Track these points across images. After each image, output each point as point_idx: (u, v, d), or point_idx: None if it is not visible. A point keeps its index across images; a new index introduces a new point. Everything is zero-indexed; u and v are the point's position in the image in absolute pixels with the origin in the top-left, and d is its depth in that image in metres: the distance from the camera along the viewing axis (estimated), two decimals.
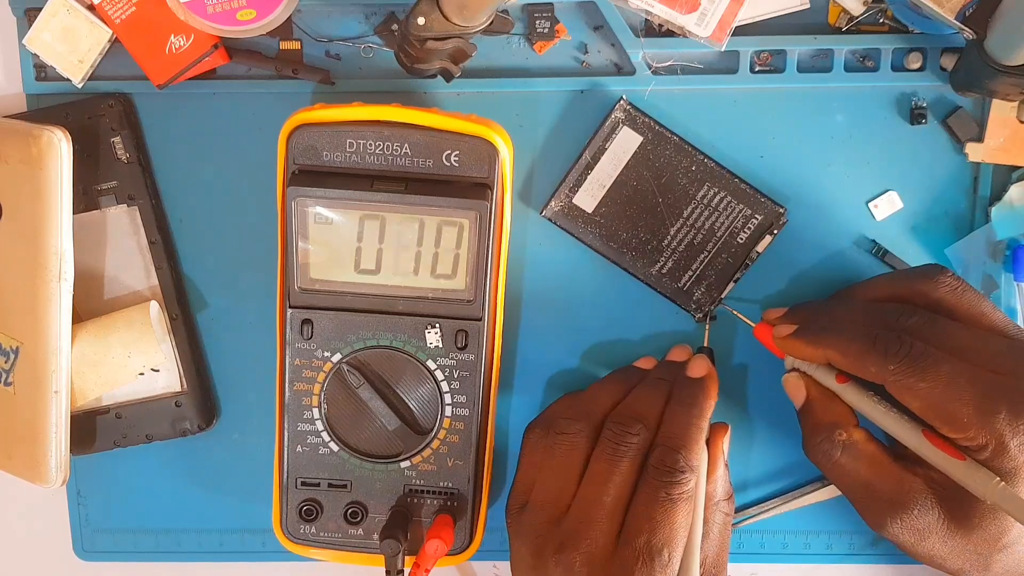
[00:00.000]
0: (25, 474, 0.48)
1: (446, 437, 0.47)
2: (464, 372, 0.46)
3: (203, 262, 0.51)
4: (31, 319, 0.46)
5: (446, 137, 0.44)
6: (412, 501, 0.48)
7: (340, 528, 0.48)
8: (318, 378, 0.46)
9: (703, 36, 0.46)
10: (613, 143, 0.47)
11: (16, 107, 0.49)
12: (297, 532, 0.48)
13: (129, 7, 0.46)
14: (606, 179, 0.48)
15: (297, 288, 0.45)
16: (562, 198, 0.48)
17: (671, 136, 0.47)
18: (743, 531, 0.52)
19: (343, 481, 0.47)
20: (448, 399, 0.47)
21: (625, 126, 0.47)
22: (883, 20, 0.47)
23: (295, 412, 0.47)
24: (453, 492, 0.48)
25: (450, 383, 0.46)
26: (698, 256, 0.48)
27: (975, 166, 0.49)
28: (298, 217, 0.44)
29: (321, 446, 0.47)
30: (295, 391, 0.47)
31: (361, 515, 0.48)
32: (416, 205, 0.44)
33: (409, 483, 0.47)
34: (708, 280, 0.49)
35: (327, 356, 0.46)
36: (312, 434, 0.47)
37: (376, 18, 0.48)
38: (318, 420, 0.47)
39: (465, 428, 0.47)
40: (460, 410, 0.47)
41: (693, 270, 0.48)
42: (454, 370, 0.46)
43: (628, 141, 0.47)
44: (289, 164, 0.44)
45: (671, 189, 0.48)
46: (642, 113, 0.47)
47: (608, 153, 0.47)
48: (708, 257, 0.48)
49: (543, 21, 0.48)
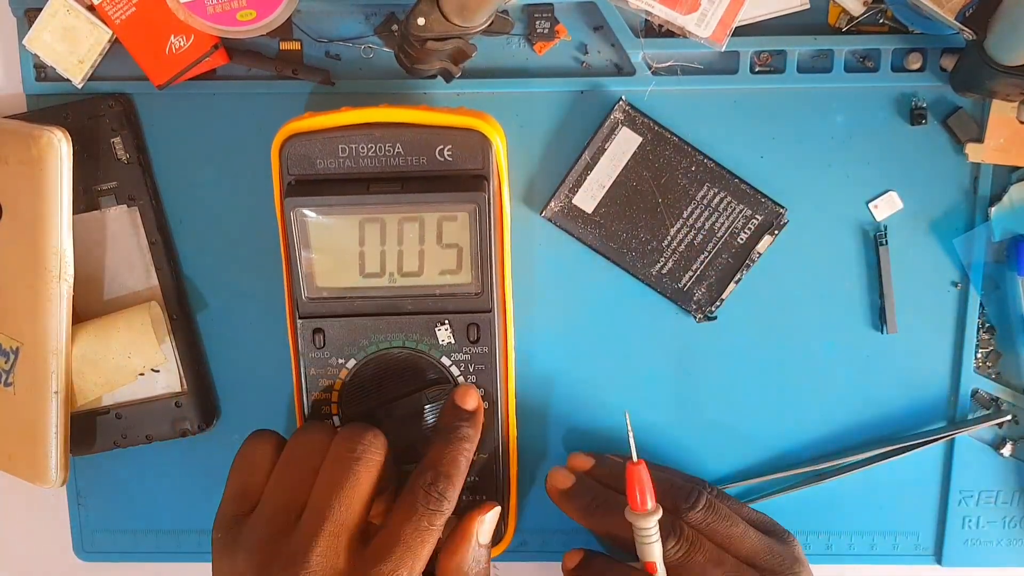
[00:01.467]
0: (25, 474, 0.48)
1: None
2: (480, 365, 0.46)
3: (203, 262, 0.51)
4: (31, 319, 0.46)
5: (438, 133, 0.44)
6: None
7: None
8: (335, 386, 0.46)
9: (703, 36, 0.46)
10: (612, 143, 0.47)
11: (16, 107, 0.49)
12: None
13: (129, 7, 0.46)
14: (606, 179, 0.48)
15: (305, 298, 0.45)
16: (562, 199, 0.48)
17: (670, 136, 0.47)
18: None
19: None
20: None
21: (624, 126, 0.47)
22: (883, 20, 0.47)
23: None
24: (480, 486, 0.47)
25: (467, 377, 0.46)
26: (698, 256, 0.48)
27: (975, 166, 0.49)
28: (298, 228, 0.44)
29: None
30: (313, 401, 0.47)
31: None
32: (414, 203, 0.44)
33: None
34: (709, 280, 0.49)
35: (341, 363, 0.46)
36: None
37: (376, 19, 0.48)
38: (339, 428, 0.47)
39: (486, 421, 0.47)
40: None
41: (693, 270, 0.48)
42: (469, 364, 0.46)
43: (627, 141, 0.47)
44: (284, 175, 0.44)
45: (671, 189, 0.48)
46: (641, 113, 0.47)
47: (607, 154, 0.47)
48: (708, 257, 0.48)
49: (543, 22, 0.48)
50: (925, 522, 0.52)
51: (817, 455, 0.51)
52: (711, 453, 0.51)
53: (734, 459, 0.51)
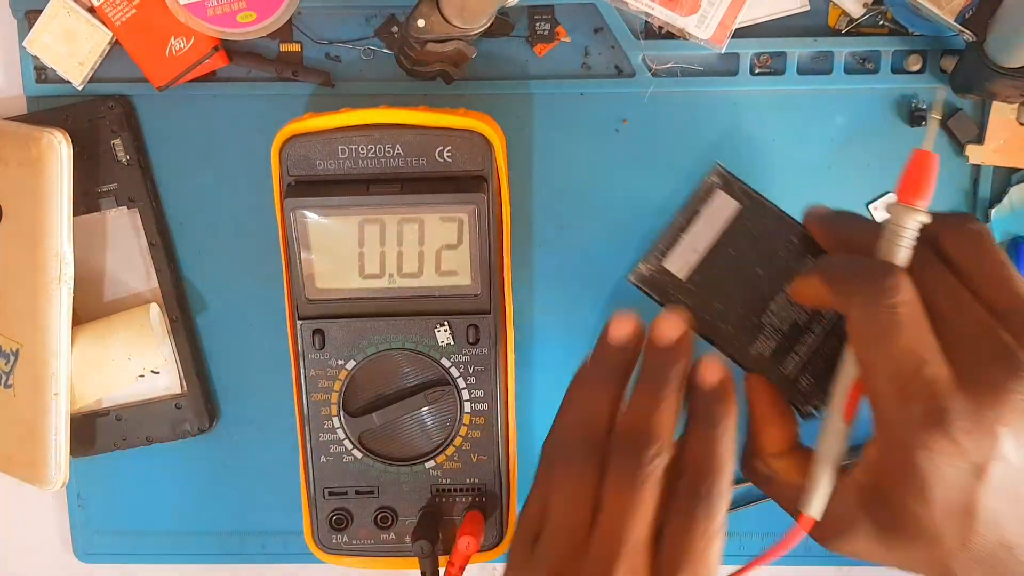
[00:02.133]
0: (25, 476, 0.48)
1: (467, 433, 0.47)
2: (479, 366, 0.46)
3: (203, 264, 0.51)
4: (31, 321, 0.46)
5: (437, 134, 0.44)
6: (441, 501, 0.48)
7: (372, 534, 0.48)
8: (335, 387, 0.46)
9: (703, 38, 0.46)
10: (708, 207, 0.43)
11: (16, 109, 0.49)
12: (330, 542, 0.48)
13: (129, 9, 0.46)
14: (700, 244, 0.43)
15: (305, 299, 0.45)
16: (652, 262, 0.43)
17: (769, 205, 0.43)
18: (743, 533, 0.52)
19: (370, 487, 0.47)
20: (466, 395, 0.47)
21: (720, 191, 0.43)
22: (883, 22, 0.47)
23: (316, 423, 0.47)
24: (481, 488, 0.47)
25: (466, 379, 0.46)
26: (802, 337, 0.43)
27: (975, 168, 0.49)
28: (298, 229, 0.44)
29: (345, 454, 0.47)
30: (313, 402, 0.47)
31: (391, 519, 0.48)
32: (413, 204, 0.44)
33: (436, 483, 0.47)
34: (816, 368, 0.43)
35: (341, 364, 0.46)
36: (334, 443, 0.47)
37: (376, 20, 0.48)
38: (339, 429, 0.47)
39: (486, 423, 0.47)
40: (479, 405, 0.47)
41: (798, 354, 0.43)
42: (469, 365, 0.46)
43: (723, 207, 0.43)
44: (284, 177, 0.44)
45: (771, 261, 0.43)
46: (738, 180, 0.43)
47: (702, 217, 0.43)
48: (815, 340, 0.43)
49: (543, 23, 0.48)
50: None
51: None
52: None
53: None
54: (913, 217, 0.36)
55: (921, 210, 0.36)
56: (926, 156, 0.36)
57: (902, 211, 0.36)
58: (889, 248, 0.37)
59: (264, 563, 0.53)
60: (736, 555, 0.52)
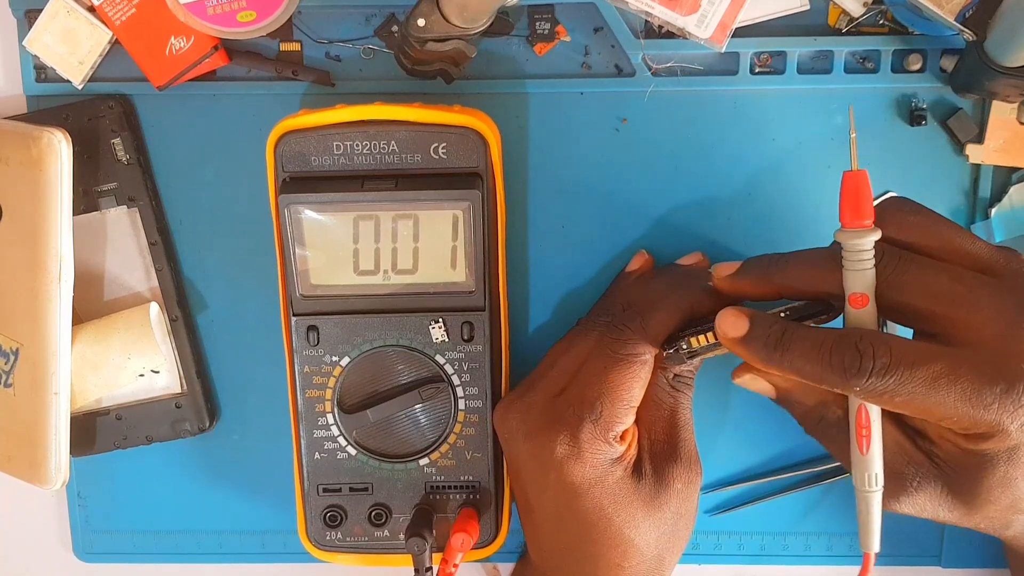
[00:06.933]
0: (25, 476, 0.48)
1: (462, 431, 0.47)
2: (473, 364, 0.46)
3: (203, 263, 0.51)
4: (31, 320, 0.46)
5: (432, 130, 0.44)
6: (435, 498, 0.48)
7: (366, 531, 0.48)
8: (329, 383, 0.46)
9: (703, 37, 0.46)
10: None
11: (16, 108, 0.49)
12: (323, 539, 0.48)
13: (129, 8, 0.46)
14: None
15: (299, 295, 0.45)
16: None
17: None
18: (743, 533, 0.52)
19: (364, 484, 0.47)
20: (460, 392, 0.47)
21: None
22: (883, 22, 0.47)
23: (309, 419, 0.47)
24: (475, 485, 0.48)
25: (460, 376, 0.46)
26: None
27: (975, 168, 0.49)
28: (293, 225, 0.44)
29: (339, 451, 0.47)
30: (307, 398, 0.47)
31: (385, 516, 0.48)
32: (408, 201, 0.44)
33: (430, 480, 0.47)
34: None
35: (336, 361, 0.46)
36: (328, 440, 0.47)
37: (376, 20, 0.48)
38: (333, 425, 0.47)
39: (480, 420, 0.47)
40: (473, 402, 0.47)
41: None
42: (463, 362, 0.46)
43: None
44: (279, 173, 0.44)
45: None
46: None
47: None
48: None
49: (543, 23, 0.48)
50: (925, 522, 0.52)
51: (818, 455, 0.51)
52: (711, 453, 0.51)
53: (734, 460, 0.51)
54: (865, 238, 0.37)
55: (869, 228, 0.37)
56: (856, 176, 0.38)
57: (852, 235, 0.38)
58: (854, 277, 0.38)
59: (264, 562, 0.53)
60: (736, 555, 0.52)
